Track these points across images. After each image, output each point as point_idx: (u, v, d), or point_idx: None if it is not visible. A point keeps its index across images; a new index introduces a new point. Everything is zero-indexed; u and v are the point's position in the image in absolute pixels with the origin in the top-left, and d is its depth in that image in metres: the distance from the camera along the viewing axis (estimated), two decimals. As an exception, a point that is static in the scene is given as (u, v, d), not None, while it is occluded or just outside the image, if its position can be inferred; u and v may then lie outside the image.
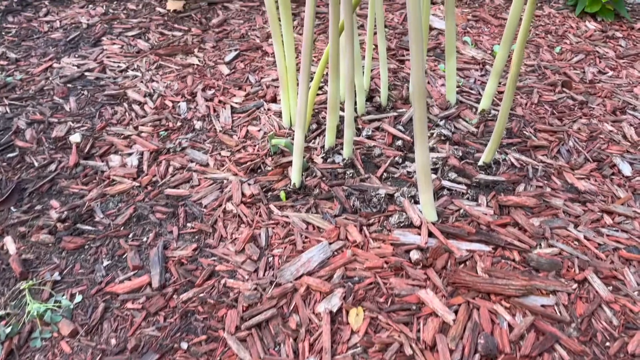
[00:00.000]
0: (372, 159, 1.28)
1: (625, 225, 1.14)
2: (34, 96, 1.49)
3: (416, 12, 0.89)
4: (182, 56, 1.69)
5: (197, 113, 1.42)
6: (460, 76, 1.64)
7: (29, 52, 1.70)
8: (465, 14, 2.06)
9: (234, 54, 1.68)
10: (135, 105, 1.45)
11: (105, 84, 1.55)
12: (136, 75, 1.59)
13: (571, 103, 1.54)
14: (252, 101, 1.46)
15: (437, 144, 1.33)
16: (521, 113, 1.47)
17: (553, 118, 1.46)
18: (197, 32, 1.85)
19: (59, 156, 1.28)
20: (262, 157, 1.26)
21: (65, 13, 1.94)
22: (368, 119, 1.42)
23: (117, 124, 1.39)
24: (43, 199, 1.17)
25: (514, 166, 1.27)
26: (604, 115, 1.50)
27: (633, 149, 1.37)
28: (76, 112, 1.43)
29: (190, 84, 1.54)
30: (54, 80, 1.56)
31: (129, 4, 2.00)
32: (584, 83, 1.65)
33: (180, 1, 2.02)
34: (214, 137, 1.34)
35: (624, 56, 1.83)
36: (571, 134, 1.40)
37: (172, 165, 1.25)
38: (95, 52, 1.70)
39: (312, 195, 1.15)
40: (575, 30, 1.99)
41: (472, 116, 1.44)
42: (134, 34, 1.82)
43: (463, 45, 1.83)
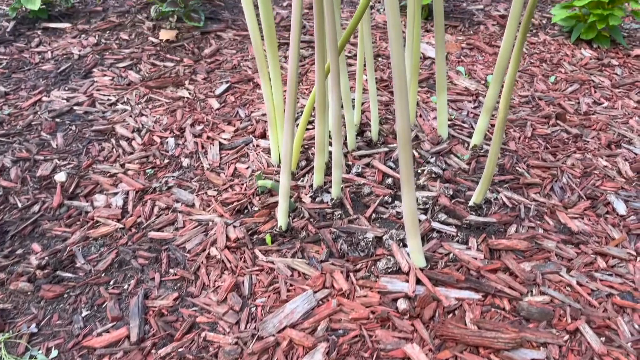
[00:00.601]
0: (362, 198, 1.25)
1: (619, 268, 1.11)
2: (22, 132, 1.47)
3: (399, 56, 0.87)
4: (173, 89, 1.67)
5: (185, 150, 1.40)
6: (453, 108, 1.63)
7: (18, 85, 1.69)
8: (460, 42, 2.05)
9: (224, 87, 1.66)
10: (123, 142, 1.44)
11: (94, 118, 1.53)
12: (125, 109, 1.57)
13: (565, 137, 1.52)
14: (241, 137, 1.44)
15: (427, 182, 1.31)
16: (514, 148, 1.45)
17: (546, 153, 1.44)
18: (189, 62, 1.84)
19: (43, 196, 1.26)
20: (249, 197, 1.24)
21: (58, 43, 1.93)
22: (358, 155, 1.40)
23: (103, 161, 1.38)
24: (25, 242, 1.15)
25: (505, 206, 1.24)
26: (598, 149, 1.47)
27: (628, 186, 1.34)
28: (63, 148, 1.41)
29: (179, 119, 1.52)
30: (43, 114, 1.54)
31: (121, 34, 2.00)
32: (578, 114, 1.63)
33: (173, 31, 2.01)
34: (201, 175, 1.32)
35: (619, 85, 1.81)
36: (565, 170, 1.38)
37: (158, 205, 1.23)
38: (85, 85, 1.69)
39: (299, 238, 1.13)
40: (571, 58, 1.97)
41: (464, 151, 1.42)
42: (125, 65, 1.81)
43: (457, 75, 1.82)
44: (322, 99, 1.13)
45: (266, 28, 1.17)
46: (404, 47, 1.63)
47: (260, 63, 1.21)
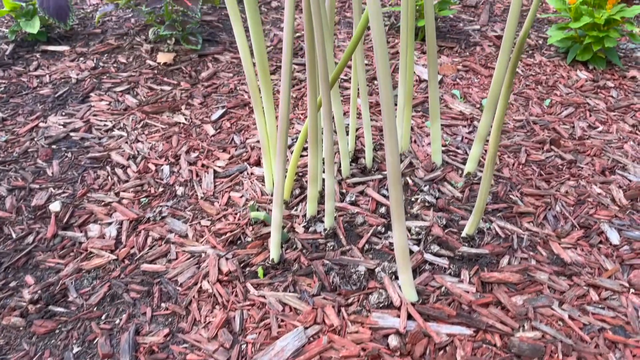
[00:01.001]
0: (355, 228, 1.26)
1: (611, 301, 1.11)
2: (18, 159, 1.48)
3: (389, 98, 0.88)
4: (169, 114, 1.68)
5: (180, 177, 1.41)
6: (447, 133, 1.63)
7: (16, 110, 1.70)
8: (456, 64, 2.06)
9: (220, 112, 1.67)
10: (118, 169, 1.44)
11: (90, 144, 1.54)
12: (121, 135, 1.58)
13: (559, 162, 1.52)
14: (235, 164, 1.44)
15: (421, 210, 1.31)
16: (508, 175, 1.45)
17: (540, 180, 1.44)
18: (186, 86, 1.85)
19: (38, 226, 1.27)
20: (242, 227, 1.24)
21: (56, 67, 1.95)
22: (352, 182, 1.40)
23: (98, 189, 1.38)
24: (18, 274, 1.16)
25: (498, 236, 1.24)
26: (592, 175, 1.47)
27: (621, 214, 1.34)
28: (58, 176, 1.42)
29: (175, 145, 1.53)
30: (39, 141, 1.55)
31: (119, 57, 2.01)
32: (573, 139, 1.63)
33: (171, 53, 2.02)
34: (195, 205, 1.32)
35: (614, 108, 1.81)
36: (558, 198, 1.38)
37: (151, 235, 1.24)
38: (82, 110, 1.70)
39: (291, 270, 1.13)
40: (566, 80, 1.98)
41: (457, 179, 1.42)
42: (122, 89, 1.82)
43: (452, 98, 1.82)
44: (314, 131, 1.14)
45: (259, 58, 1.18)
46: (405, 71, 1.64)
47: (254, 93, 1.22)
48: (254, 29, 1.16)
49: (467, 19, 2.48)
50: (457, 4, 2.64)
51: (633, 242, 1.26)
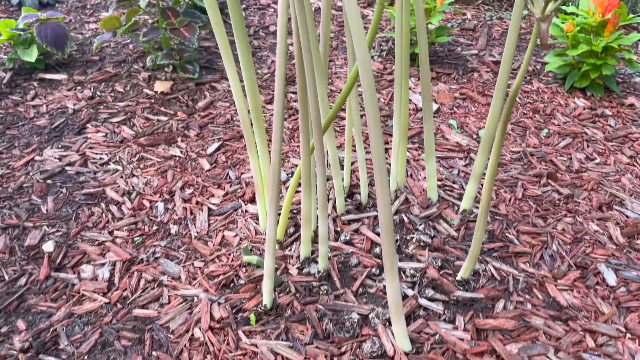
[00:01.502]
0: (349, 269, 1.25)
1: (608, 347, 1.09)
2: (12, 195, 1.48)
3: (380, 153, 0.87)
4: (165, 146, 1.68)
5: (174, 215, 1.40)
6: (444, 166, 1.62)
7: (12, 143, 1.70)
8: (453, 92, 2.06)
9: (216, 145, 1.67)
10: (112, 206, 1.44)
11: (85, 179, 1.54)
12: (117, 169, 1.58)
13: (556, 197, 1.51)
14: (230, 202, 1.44)
15: (416, 250, 1.30)
16: (504, 211, 1.44)
17: (537, 217, 1.43)
18: (183, 116, 1.85)
19: (30, 268, 1.26)
20: (235, 269, 1.23)
21: (53, 96, 1.95)
22: (347, 219, 1.39)
23: (92, 227, 1.38)
24: (10, 319, 1.15)
25: (494, 278, 1.23)
26: (589, 211, 1.46)
27: (618, 253, 1.33)
28: (53, 214, 1.42)
29: (170, 180, 1.53)
30: (34, 175, 1.55)
31: (117, 85, 2.02)
32: (570, 172, 1.62)
33: (168, 82, 2.03)
34: (188, 244, 1.32)
35: (612, 138, 1.81)
36: (555, 236, 1.37)
37: (144, 277, 1.23)
38: (78, 142, 1.70)
39: (284, 317, 1.12)
40: (564, 108, 1.98)
41: (453, 216, 1.41)
42: (119, 119, 1.82)
43: (448, 129, 1.82)
44: (307, 174, 1.13)
45: (252, 102, 1.18)
46: (400, 103, 1.63)
47: (247, 135, 1.22)
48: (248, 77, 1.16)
49: (465, 43, 2.48)
50: (455, 28, 2.64)
51: (630, 282, 1.25)
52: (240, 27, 1.10)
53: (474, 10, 2.87)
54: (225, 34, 1.12)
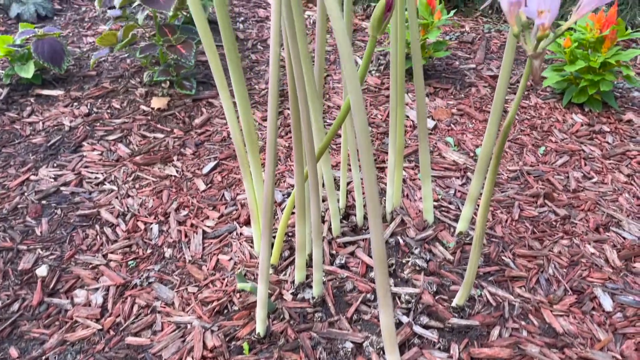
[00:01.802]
0: (344, 295, 1.24)
1: (604, 377, 1.09)
2: (7, 217, 1.47)
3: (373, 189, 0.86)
4: (161, 166, 1.68)
5: (169, 238, 1.40)
6: (440, 186, 1.62)
7: (7, 162, 1.70)
8: (450, 107, 2.05)
9: (212, 164, 1.66)
10: (107, 228, 1.43)
11: (80, 200, 1.53)
12: (112, 189, 1.58)
13: (553, 219, 1.50)
14: (225, 224, 1.43)
15: (411, 275, 1.29)
16: (500, 233, 1.44)
17: (533, 239, 1.42)
18: (179, 133, 1.85)
19: (24, 293, 1.25)
20: (229, 295, 1.23)
21: (50, 112, 1.95)
22: (343, 242, 1.39)
23: (86, 250, 1.37)
24: (3, 345, 1.14)
25: (489, 304, 1.23)
26: (586, 233, 1.46)
27: (615, 276, 1.32)
28: (47, 236, 1.41)
29: (165, 201, 1.52)
30: (29, 196, 1.55)
31: (113, 102, 2.01)
32: (567, 192, 1.62)
33: (165, 98, 2.02)
34: (182, 268, 1.31)
35: (610, 156, 1.80)
36: (551, 259, 1.36)
37: (138, 303, 1.22)
38: (74, 161, 1.70)
39: (277, 345, 1.12)
40: (562, 124, 1.97)
41: (449, 238, 1.41)
42: (115, 137, 1.81)
43: (445, 146, 1.81)
44: (301, 201, 1.13)
45: (245, 127, 1.17)
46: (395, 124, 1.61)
47: (241, 160, 1.22)
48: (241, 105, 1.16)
49: (463, 57, 2.48)
50: (453, 41, 2.64)
51: (626, 307, 1.24)
52: (232, 50, 1.10)
53: (473, 22, 2.87)
54: (219, 64, 1.12)
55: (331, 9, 0.75)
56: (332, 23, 0.75)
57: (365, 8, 2.86)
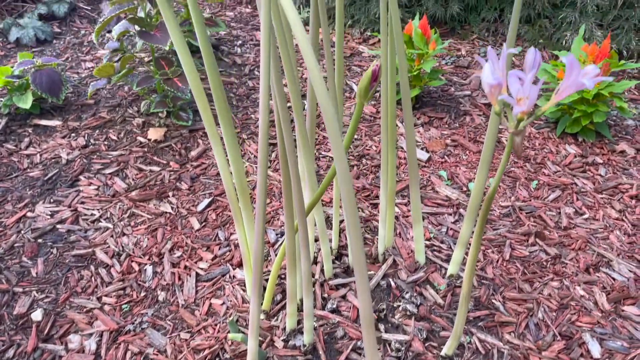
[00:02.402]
0: (335, 341, 1.26)
1: None
2: (3, 257, 1.49)
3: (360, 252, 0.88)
4: (156, 202, 1.69)
5: (162, 281, 1.41)
6: (432, 223, 1.63)
7: (5, 197, 1.72)
8: (444, 138, 2.07)
9: (207, 201, 1.68)
10: (101, 269, 1.45)
11: (76, 239, 1.55)
12: (108, 227, 1.59)
13: (544, 259, 1.52)
14: (218, 266, 1.45)
15: (402, 319, 1.31)
16: (491, 275, 1.45)
17: (524, 280, 1.44)
18: (175, 166, 1.86)
19: (19, 338, 1.27)
20: (221, 342, 1.24)
21: (47, 144, 1.97)
22: (335, 284, 1.40)
23: (81, 292, 1.39)
24: (-3, 394, 1.16)
25: (478, 351, 1.24)
26: (576, 274, 1.47)
27: (604, 320, 1.34)
28: (42, 277, 1.43)
29: (159, 240, 1.54)
30: (26, 234, 1.57)
31: (110, 132, 2.03)
32: (558, 229, 1.63)
33: (162, 129, 2.04)
34: (175, 313, 1.33)
35: (602, 190, 1.81)
36: (541, 302, 1.38)
37: (130, 350, 1.24)
38: (70, 196, 1.72)
39: (267, 396, 1.13)
40: (555, 155, 1.99)
41: (440, 281, 1.42)
42: (111, 171, 1.83)
43: (438, 180, 1.83)
44: (292, 252, 1.14)
45: (237, 178, 1.19)
46: (387, 164, 1.61)
47: (233, 205, 1.23)
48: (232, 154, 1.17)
49: (459, 82, 2.50)
50: (449, 65, 2.66)
51: (614, 354, 1.26)
52: (221, 99, 1.12)
53: (469, 45, 2.88)
54: (211, 117, 1.13)
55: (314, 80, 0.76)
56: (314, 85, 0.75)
57: (362, 32, 2.88)
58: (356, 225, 0.84)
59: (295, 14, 0.75)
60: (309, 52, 0.74)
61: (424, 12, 2.86)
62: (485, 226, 1.04)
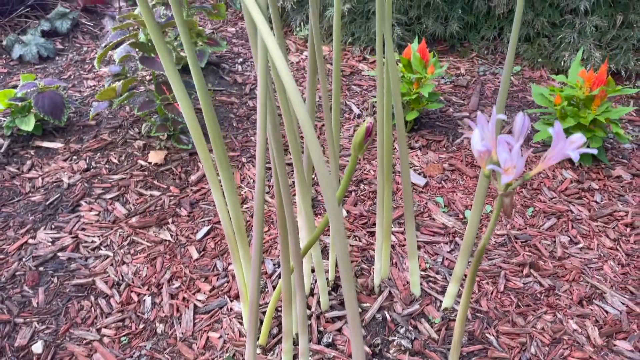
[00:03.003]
0: (329, 376, 1.28)
1: None
2: (5, 286, 1.52)
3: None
4: (156, 229, 1.72)
5: (161, 312, 1.44)
6: (428, 253, 1.65)
7: (7, 222, 1.74)
8: (442, 162, 2.09)
9: (206, 229, 1.70)
10: (101, 299, 1.47)
11: (77, 267, 1.58)
12: (108, 255, 1.62)
13: (538, 290, 1.53)
14: (215, 298, 1.47)
15: (396, 354, 1.33)
16: (485, 307, 1.47)
17: (517, 314, 1.46)
18: (175, 191, 1.89)
19: (20, 371, 1.30)
20: (218, 376, 1.27)
21: (49, 167, 1.99)
22: (331, 317, 1.42)
23: (81, 323, 1.41)
24: None
25: (471, 388, 1.26)
26: (569, 306, 1.49)
27: (596, 356, 1.35)
28: (43, 307, 1.45)
29: (159, 269, 1.56)
30: (27, 262, 1.59)
31: (112, 155, 2.06)
32: (552, 259, 1.65)
33: (162, 152, 2.07)
34: (173, 346, 1.35)
35: (597, 217, 1.83)
36: (534, 336, 1.39)
37: (129, 384, 1.26)
38: (71, 222, 1.74)
39: None
40: (551, 181, 2.00)
41: (435, 314, 1.44)
42: (112, 196, 1.86)
43: (435, 207, 1.85)
44: (287, 293, 1.16)
45: (235, 221, 1.21)
46: (382, 197, 1.62)
47: (231, 245, 1.25)
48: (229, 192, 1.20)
49: (458, 103, 2.52)
50: (448, 85, 2.67)
51: (606, 391, 1.28)
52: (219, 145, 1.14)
53: (468, 63, 2.90)
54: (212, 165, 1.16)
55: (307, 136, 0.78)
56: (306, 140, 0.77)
57: (363, 50, 2.90)
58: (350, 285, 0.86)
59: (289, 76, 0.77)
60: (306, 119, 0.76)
61: (423, 30, 2.88)
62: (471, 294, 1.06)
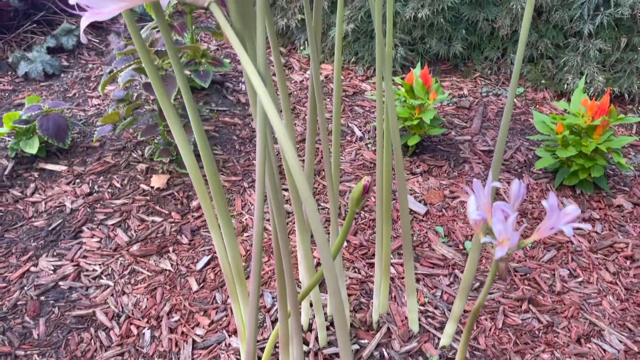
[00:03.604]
0: (326, 416, 1.29)
1: None
2: (6, 316, 1.53)
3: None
4: (156, 258, 1.73)
5: (160, 347, 1.45)
6: (427, 286, 1.66)
7: (10, 249, 1.76)
8: (443, 188, 2.09)
9: (206, 259, 1.71)
10: (101, 332, 1.49)
11: (78, 297, 1.59)
12: (108, 284, 1.63)
13: (536, 327, 1.54)
14: (214, 333, 1.48)
15: (393, 394, 1.33)
16: (483, 345, 1.47)
17: (515, 352, 1.46)
18: (177, 217, 1.90)
19: (19, 407, 1.31)
20: (215, 415, 1.28)
21: (52, 191, 2.01)
22: (329, 353, 1.43)
23: (81, 357, 1.42)
24: None
25: None
26: (567, 344, 1.49)
27: (593, 398, 1.36)
28: (44, 339, 1.47)
29: (158, 301, 1.57)
30: (29, 291, 1.60)
31: (114, 179, 2.07)
32: (552, 294, 1.65)
33: (165, 176, 2.08)
34: (172, 383, 1.36)
35: (597, 249, 1.83)
36: (531, 376, 1.40)
37: (127, 422, 1.27)
38: (73, 249, 1.76)
39: None
40: (552, 210, 2.00)
41: (433, 352, 1.45)
42: (114, 222, 1.87)
43: (435, 236, 1.85)
44: (285, 336, 1.17)
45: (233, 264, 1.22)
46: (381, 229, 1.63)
47: (229, 286, 1.26)
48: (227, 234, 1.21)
49: (460, 125, 2.52)
50: (450, 106, 2.68)
51: None
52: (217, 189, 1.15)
53: (471, 84, 2.90)
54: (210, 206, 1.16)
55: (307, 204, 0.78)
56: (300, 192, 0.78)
57: (366, 69, 2.91)
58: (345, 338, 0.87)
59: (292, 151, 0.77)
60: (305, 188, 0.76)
61: (427, 49, 2.88)
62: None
